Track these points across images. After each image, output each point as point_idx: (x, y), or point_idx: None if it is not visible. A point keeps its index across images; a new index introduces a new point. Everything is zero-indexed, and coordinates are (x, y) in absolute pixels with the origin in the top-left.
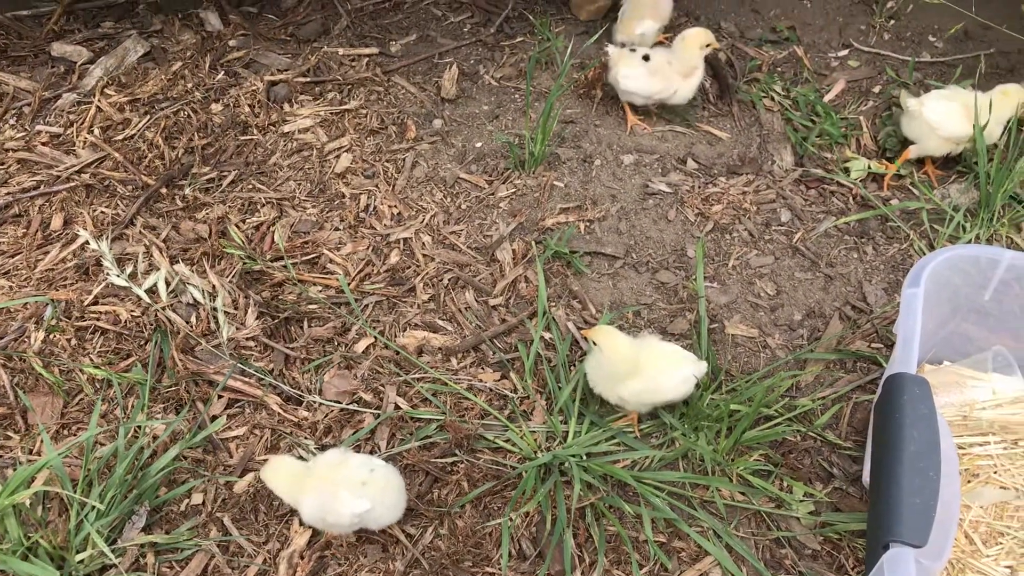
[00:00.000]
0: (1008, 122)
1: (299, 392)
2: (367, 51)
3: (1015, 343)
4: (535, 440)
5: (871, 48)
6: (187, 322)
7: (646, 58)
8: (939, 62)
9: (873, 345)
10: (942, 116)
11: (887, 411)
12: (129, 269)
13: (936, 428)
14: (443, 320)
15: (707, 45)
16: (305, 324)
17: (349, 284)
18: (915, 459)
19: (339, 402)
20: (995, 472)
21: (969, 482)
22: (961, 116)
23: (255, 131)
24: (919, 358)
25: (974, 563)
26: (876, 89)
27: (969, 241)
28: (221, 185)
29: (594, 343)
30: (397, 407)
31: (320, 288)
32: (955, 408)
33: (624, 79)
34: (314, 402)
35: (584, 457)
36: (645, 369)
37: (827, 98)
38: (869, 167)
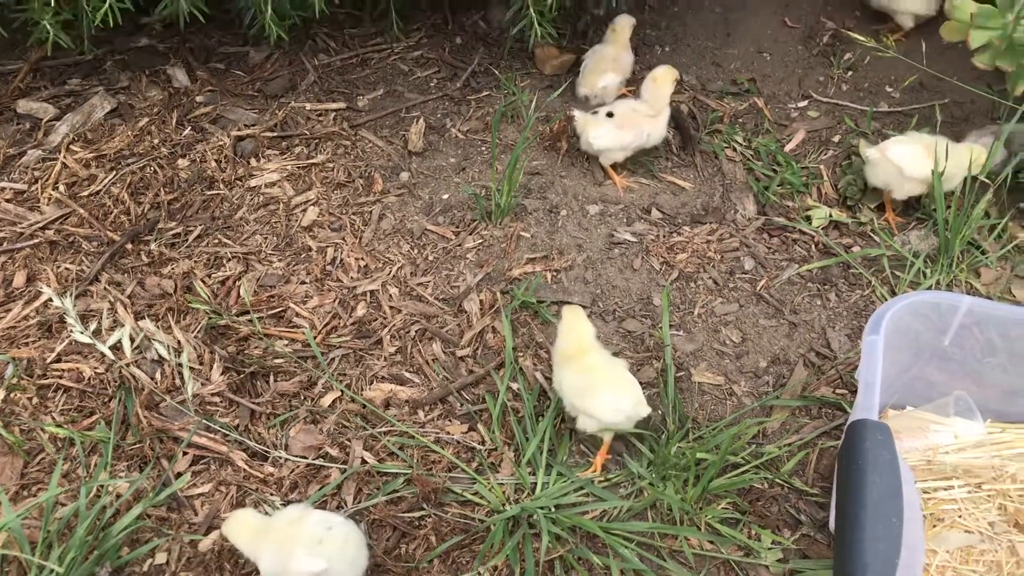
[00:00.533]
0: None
1: (265, 448)
2: (334, 106)
3: (976, 387)
4: (503, 492)
5: (830, 99)
6: (152, 378)
7: (610, 115)
8: (896, 112)
9: (838, 391)
10: (907, 158)
11: (849, 457)
12: (93, 326)
13: (898, 473)
14: (410, 372)
15: (675, 80)
16: (271, 378)
17: (315, 338)
18: (877, 505)
19: (305, 457)
20: (960, 516)
21: (934, 526)
22: (924, 157)
23: (221, 186)
24: (882, 404)
25: None
26: (835, 138)
27: (929, 287)
28: (187, 240)
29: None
30: (364, 461)
31: (286, 342)
32: (919, 453)
33: (595, 139)
34: (280, 458)
35: (552, 509)
36: (592, 376)
37: (788, 148)
38: (830, 215)
